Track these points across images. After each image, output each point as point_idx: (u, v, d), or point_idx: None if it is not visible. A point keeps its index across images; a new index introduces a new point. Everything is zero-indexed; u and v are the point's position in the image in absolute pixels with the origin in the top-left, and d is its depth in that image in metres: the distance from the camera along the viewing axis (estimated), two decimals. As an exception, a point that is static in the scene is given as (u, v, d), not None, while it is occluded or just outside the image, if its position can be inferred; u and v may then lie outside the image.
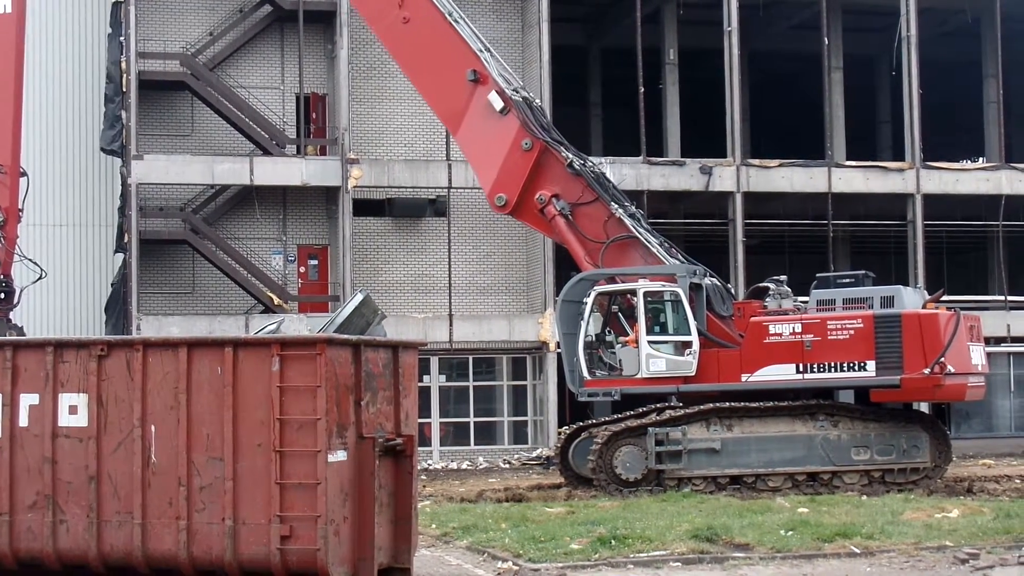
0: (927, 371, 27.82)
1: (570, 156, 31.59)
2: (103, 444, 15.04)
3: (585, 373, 30.00)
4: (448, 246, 43.24)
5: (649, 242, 31.03)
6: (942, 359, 27.79)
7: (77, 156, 44.62)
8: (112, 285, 43.10)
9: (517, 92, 32.17)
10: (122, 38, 41.59)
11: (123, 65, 41.22)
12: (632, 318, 30.22)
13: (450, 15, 32.59)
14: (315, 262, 44.11)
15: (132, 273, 40.31)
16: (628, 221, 31.21)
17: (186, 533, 14.67)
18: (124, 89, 41.06)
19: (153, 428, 14.87)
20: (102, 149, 42.54)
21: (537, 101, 33.06)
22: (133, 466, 14.89)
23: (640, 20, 43.67)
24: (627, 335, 30.31)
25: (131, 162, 40.60)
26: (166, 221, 42.62)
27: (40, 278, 36.75)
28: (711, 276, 31.16)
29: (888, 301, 28.76)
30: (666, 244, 31.42)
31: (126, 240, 41.02)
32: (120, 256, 42.22)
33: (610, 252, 31.15)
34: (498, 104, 31.74)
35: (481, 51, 32.36)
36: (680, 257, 31.19)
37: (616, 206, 31.32)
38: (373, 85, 44.10)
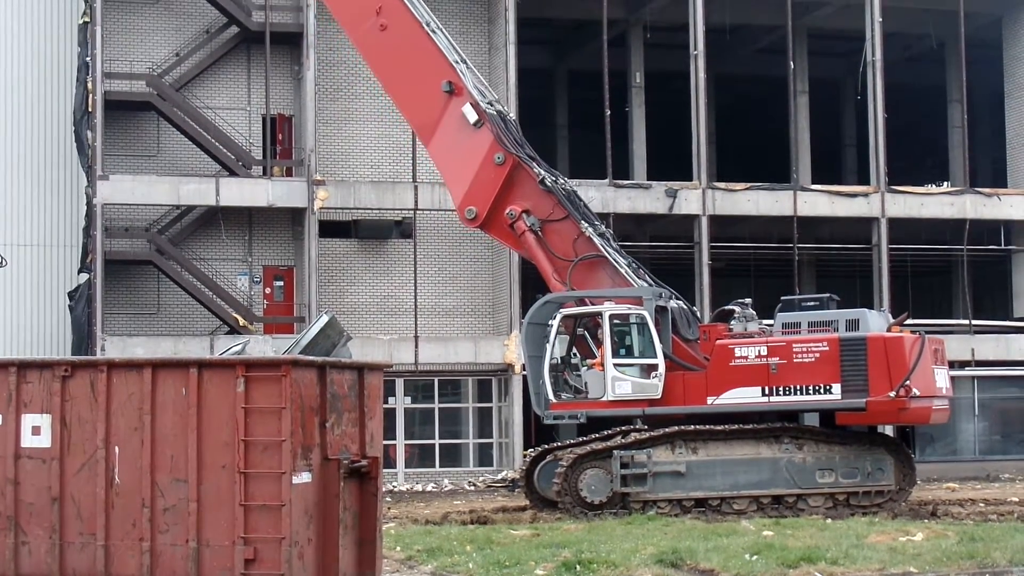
0: (892, 394, 27.87)
1: (542, 172, 31.58)
2: (66, 465, 14.93)
3: (551, 396, 29.97)
4: (414, 268, 43.20)
5: (618, 263, 31.04)
6: (907, 382, 27.86)
7: (41, 176, 44.41)
8: (69, 306, 42.69)
9: (491, 105, 32.11)
10: (88, 58, 41.48)
11: (89, 85, 41.11)
12: (598, 340, 30.23)
13: (427, 24, 32.48)
14: (281, 283, 44.02)
15: (97, 294, 40.16)
16: (597, 240, 31.21)
17: (149, 555, 14.57)
18: (90, 109, 40.93)
19: (117, 449, 14.78)
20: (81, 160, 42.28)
21: (511, 115, 32.98)
22: (96, 487, 14.79)
23: (607, 43, 43.80)
24: (594, 357, 30.32)
25: (96, 182, 40.47)
26: (131, 242, 42.48)
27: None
28: (677, 299, 31.19)
29: (853, 324, 28.84)
30: (634, 265, 31.43)
31: (90, 260, 40.85)
32: (84, 276, 42.03)
33: (578, 271, 31.15)
34: (472, 117, 31.66)
35: (457, 62, 32.28)
36: (648, 279, 31.20)
37: (586, 225, 31.32)
38: (339, 106, 44.09)
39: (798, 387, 28.49)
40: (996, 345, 46.13)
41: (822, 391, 28.41)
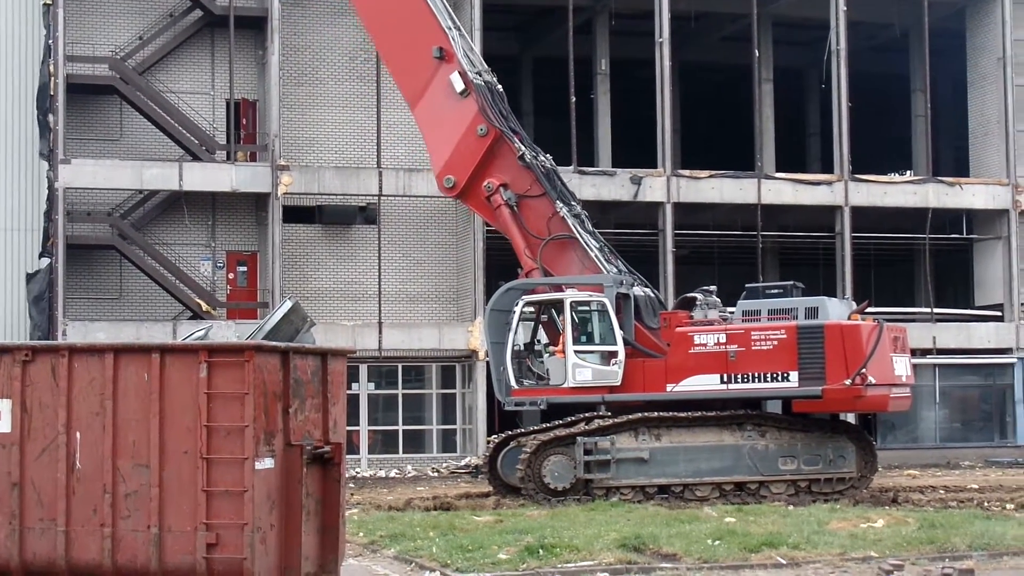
0: (848, 382, 27.96)
1: (523, 148, 31.66)
2: (27, 450, 14.85)
3: (512, 382, 30.02)
4: (378, 254, 43.13)
5: (589, 244, 31.10)
6: (863, 370, 27.94)
7: (2, 159, 44.08)
8: (27, 282, 42.31)
9: (480, 75, 32.08)
10: (51, 41, 41.22)
11: (51, 68, 40.86)
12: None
13: None
14: (244, 269, 43.88)
15: (58, 278, 39.97)
16: (571, 221, 31.30)
17: (111, 541, 14.52)
18: (52, 92, 40.69)
19: (78, 434, 14.71)
20: (41, 154, 41.99)
21: (499, 87, 32.93)
22: (57, 473, 14.72)
23: (572, 30, 43.80)
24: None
25: (58, 166, 40.25)
26: (93, 226, 42.24)
27: None
28: (644, 286, 31.23)
29: (812, 312, 28.91)
30: (606, 249, 31.51)
31: (51, 244, 40.63)
32: (45, 261, 41.76)
33: (549, 249, 31.25)
34: (459, 85, 31.67)
35: (450, 28, 32.25)
36: (619, 263, 31.26)
37: (562, 204, 31.41)
38: (304, 91, 43.94)
39: (756, 375, 28.58)
40: (957, 333, 46.37)
41: (780, 379, 28.50)
